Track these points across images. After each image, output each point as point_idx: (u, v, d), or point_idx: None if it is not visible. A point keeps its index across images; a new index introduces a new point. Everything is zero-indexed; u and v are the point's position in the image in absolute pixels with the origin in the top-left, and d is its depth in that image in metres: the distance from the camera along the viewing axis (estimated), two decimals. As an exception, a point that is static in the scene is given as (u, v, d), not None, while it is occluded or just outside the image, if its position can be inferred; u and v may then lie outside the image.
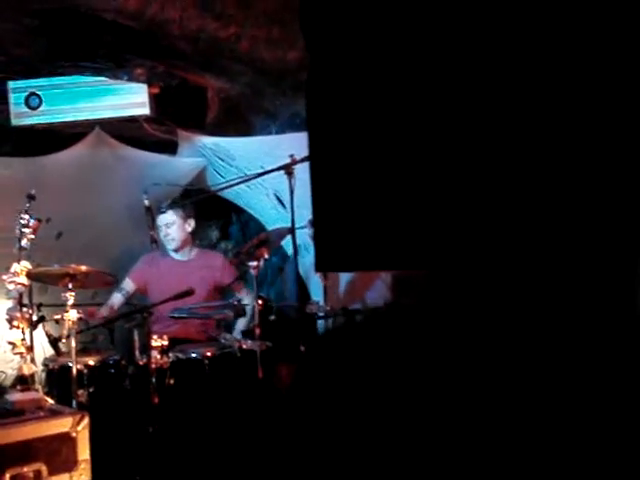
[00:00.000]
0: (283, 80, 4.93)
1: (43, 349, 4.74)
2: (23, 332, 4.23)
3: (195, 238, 5.44)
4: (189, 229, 5.18)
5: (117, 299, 5.11)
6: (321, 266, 2.17)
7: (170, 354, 4.42)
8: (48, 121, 5.21)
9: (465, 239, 1.57)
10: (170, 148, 5.85)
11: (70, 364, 4.09)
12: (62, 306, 4.14)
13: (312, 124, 1.90)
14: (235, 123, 5.63)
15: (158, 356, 4.33)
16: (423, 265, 1.75)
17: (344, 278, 5.17)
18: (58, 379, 4.35)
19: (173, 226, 5.11)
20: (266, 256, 4.51)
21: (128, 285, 5.17)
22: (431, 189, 1.60)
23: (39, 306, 4.38)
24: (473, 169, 1.54)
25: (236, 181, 4.87)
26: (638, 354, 1.56)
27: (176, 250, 5.18)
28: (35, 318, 4.31)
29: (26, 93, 5.10)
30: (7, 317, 4.31)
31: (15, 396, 3.61)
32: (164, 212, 5.01)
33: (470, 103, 1.53)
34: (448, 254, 1.61)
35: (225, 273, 5.21)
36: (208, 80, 5.24)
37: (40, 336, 4.49)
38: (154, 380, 4.26)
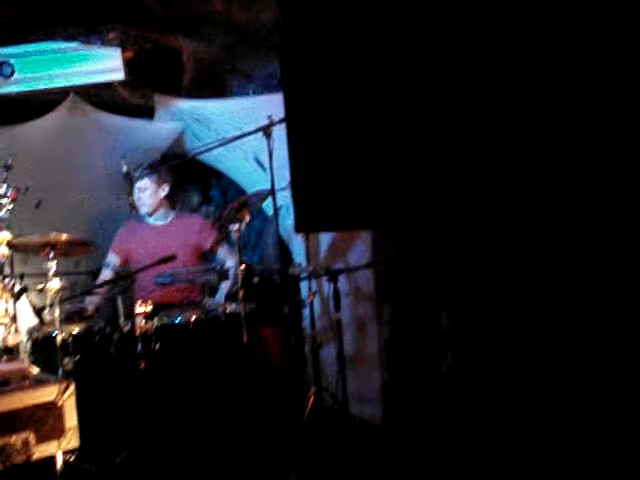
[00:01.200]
0: (258, 41, 4.89)
1: (27, 319, 4.74)
2: (6, 302, 4.22)
3: (176, 203, 5.42)
4: (162, 194, 5.15)
5: (106, 275, 5.10)
6: (301, 227, 2.18)
7: (155, 319, 4.43)
8: (22, 90, 5.14)
9: (438, 197, 1.57)
10: (147, 113, 5.79)
11: (55, 333, 4.10)
12: (44, 275, 4.13)
13: (287, 85, 1.89)
14: (211, 85, 5.57)
15: (143, 322, 4.33)
16: (399, 224, 1.76)
17: (325, 239, 5.18)
18: (43, 348, 4.35)
19: (146, 191, 5.09)
20: (247, 219, 4.50)
21: (113, 259, 5.16)
22: (408, 149, 1.60)
23: (21, 276, 4.37)
24: (446, 128, 1.54)
25: (214, 144, 4.84)
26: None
27: (149, 214, 5.17)
28: (18, 288, 4.30)
29: (-2, 61, 5.02)
30: (-11, 288, 4.30)
31: (0, 366, 3.61)
32: (141, 178, 4.98)
33: (442, 62, 1.52)
34: (422, 213, 1.62)
35: (204, 236, 5.20)
36: (182, 42, 5.18)
37: (24, 306, 4.49)
38: (139, 346, 4.28)
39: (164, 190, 5.15)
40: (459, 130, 1.54)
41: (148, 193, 5.09)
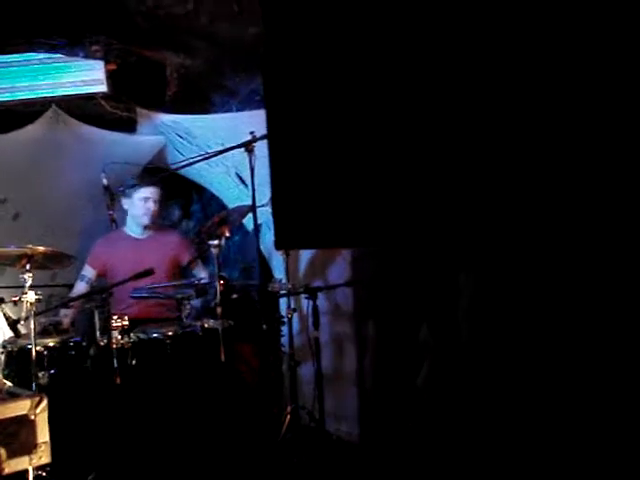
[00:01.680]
0: (242, 57, 4.89)
1: (2, 331, 4.68)
2: (-19, 314, 4.18)
3: (156, 217, 5.38)
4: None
5: (81, 287, 5.03)
6: (281, 243, 2.17)
7: (131, 334, 4.39)
8: (2, 99, 5.11)
9: (418, 217, 1.57)
10: (129, 126, 5.77)
11: (29, 346, 4.05)
12: (21, 287, 4.09)
13: (269, 102, 1.89)
14: (195, 100, 5.57)
15: (119, 336, 4.29)
16: (378, 243, 1.75)
17: (305, 256, 5.17)
18: (18, 361, 4.29)
19: (158, 203, 5.05)
20: (227, 234, 4.48)
21: (89, 272, 5.10)
22: (387, 168, 1.60)
23: (-4, 288, 4.33)
24: (427, 147, 1.54)
25: (196, 159, 4.82)
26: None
27: (145, 227, 5.11)
28: (-7, 300, 4.26)
29: (-21, 71, 5.00)
30: (-36, 300, 4.25)
31: (-27, 379, 3.57)
32: (147, 186, 4.93)
33: (424, 78, 1.52)
34: (401, 232, 1.61)
35: (182, 251, 5.17)
36: (166, 56, 5.17)
37: (-2, 318, 4.44)
38: (115, 361, 4.23)
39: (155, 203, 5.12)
40: (438, 152, 1.54)
41: (154, 203, 5.04)
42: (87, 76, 5.18)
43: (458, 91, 1.49)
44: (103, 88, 5.15)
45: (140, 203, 5.00)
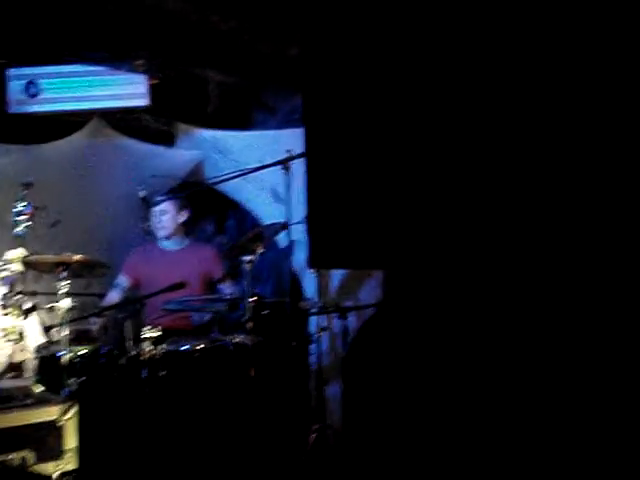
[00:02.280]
0: (283, 75, 4.93)
1: (35, 337, 4.74)
2: (16, 319, 4.23)
3: (190, 231, 5.43)
4: (181, 220, 5.18)
5: (113, 297, 5.09)
6: (314, 262, 2.18)
7: (162, 345, 4.42)
8: (47, 109, 5.20)
9: (454, 244, 1.57)
10: (168, 139, 5.84)
11: (61, 352, 4.09)
12: (55, 294, 4.14)
13: (308, 121, 1.90)
14: (234, 117, 5.62)
15: (150, 347, 4.33)
16: (414, 266, 1.75)
17: (337, 275, 5.17)
18: (49, 367, 4.34)
19: (166, 215, 5.12)
20: (260, 251, 4.50)
21: (123, 281, 5.16)
22: (425, 191, 1.61)
23: (33, 294, 4.38)
24: (468, 172, 1.54)
25: (233, 175, 4.86)
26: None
27: (167, 238, 5.18)
28: (28, 306, 4.31)
29: (25, 81, 5.09)
30: (0, 304, 4.31)
31: (5, 383, 3.61)
32: (160, 202, 5.02)
33: (467, 103, 1.53)
34: (438, 257, 1.61)
35: (216, 267, 5.21)
36: (208, 72, 5.23)
37: (33, 324, 4.49)
38: (145, 371, 4.26)
39: (183, 216, 5.17)
40: (480, 176, 1.54)
41: (168, 216, 5.12)
42: (129, 89, 5.25)
43: (502, 121, 1.50)
44: (144, 102, 5.21)
45: (155, 217, 5.09)
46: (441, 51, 1.59)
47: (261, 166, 4.57)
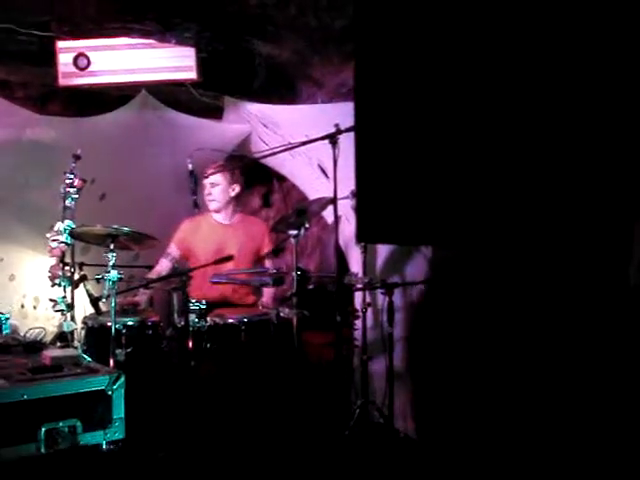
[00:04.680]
0: (330, 48, 4.88)
1: (84, 307, 4.81)
2: (64, 290, 4.30)
3: (238, 204, 5.44)
4: (232, 194, 5.19)
5: (164, 265, 5.13)
6: (362, 237, 2.16)
7: (208, 318, 4.45)
8: (95, 82, 5.23)
9: (503, 225, 1.54)
10: (216, 113, 5.84)
11: (109, 323, 4.15)
12: (103, 266, 4.19)
13: (359, 94, 1.87)
14: (281, 90, 5.59)
15: (196, 319, 4.37)
16: (462, 244, 1.72)
17: (383, 250, 5.14)
18: (97, 338, 4.41)
19: (217, 187, 5.13)
20: (307, 225, 4.50)
21: (174, 251, 5.19)
22: (476, 167, 1.57)
23: (81, 265, 4.44)
24: (516, 146, 1.51)
25: (280, 149, 4.84)
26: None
27: (217, 211, 5.20)
28: (77, 277, 4.37)
29: (74, 54, 5.12)
30: (49, 274, 4.38)
31: (54, 352, 3.67)
32: (212, 175, 5.04)
33: (509, 75, 1.49)
34: (488, 233, 1.58)
35: (265, 242, 5.23)
36: (256, 46, 5.20)
37: (81, 295, 4.55)
38: (191, 343, 4.30)
39: (234, 190, 5.18)
40: (526, 151, 1.50)
41: (220, 189, 5.13)
42: (177, 62, 5.25)
43: (547, 89, 1.46)
44: (193, 75, 5.21)
45: (206, 190, 5.10)
46: (492, 28, 1.55)
47: (308, 140, 4.55)
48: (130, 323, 4.46)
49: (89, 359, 3.70)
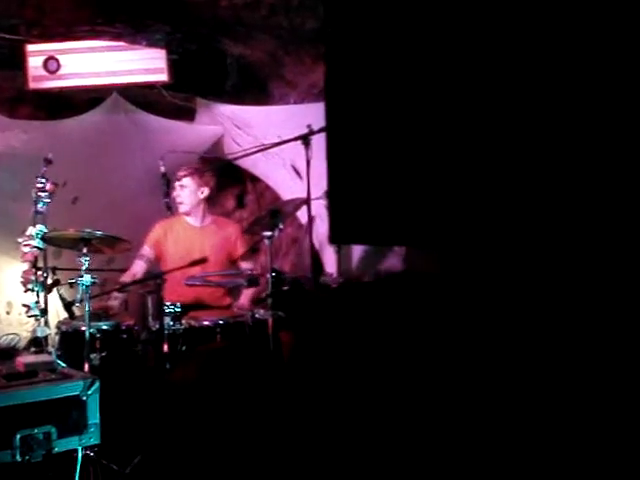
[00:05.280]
0: (302, 49, 4.89)
1: (57, 312, 4.77)
2: (37, 295, 4.26)
3: (211, 206, 5.42)
4: (201, 196, 5.15)
5: (140, 267, 5.08)
6: (336, 238, 2.16)
7: (183, 321, 4.44)
8: (66, 85, 5.20)
9: (477, 226, 1.55)
10: (188, 115, 5.83)
11: (83, 328, 4.12)
12: (76, 270, 4.16)
13: (330, 95, 1.88)
14: (253, 91, 5.59)
15: (171, 322, 4.35)
16: (435, 245, 1.73)
17: (357, 250, 5.15)
18: (71, 342, 4.37)
19: (186, 189, 5.08)
20: (281, 226, 4.49)
21: (148, 252, 5.15)
22: (447, 166, 1.58)
23: (54, 269, 4.40)
24: (489, 146, 1.52)
25: (253, 150, 4.84)
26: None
27: (187, 214, 5.17)
28: (50, 281, 4.33)
29: (44, 57, 5.08)
30: (22, 280, 4.34)
31: (28, 358, 3.64)
32: (180, 178, 5.01)
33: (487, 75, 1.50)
34: (459, 237, 1.59)
35: (238, 244, 5.21)
36: (227, 47, 5.20)
37: (54, 299, 4.52)
38: (166, 346, 4.29)
39: (203, 192, 5.14)
40: (501, 152, 1.51)
41: (188, 191, 5.09)
42: (148, 65, 5.24)
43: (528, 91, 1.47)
44: (164, 77, 5.20)
45: (176, 192, 5.07)
46: (465, 22, 1.56)
47: (281, 141, 4.55)
48: (104, 327, 4.43)
49: (63, 364, 3.67)
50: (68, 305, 4.29)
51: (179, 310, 4.39)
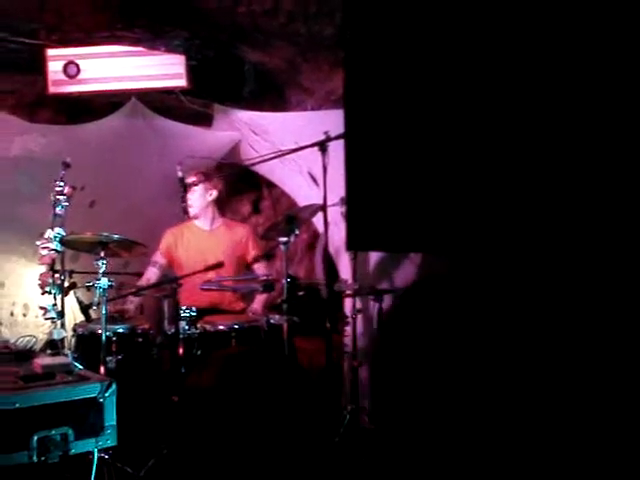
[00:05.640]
0: (320, 55, 4.91)
1: (74, 315, 4.80)
2: (54, 298, 4.29)
3: (227, 211, 5.45)
4: (210, 198, 5.16)
5: (153, 273, 5.12)
6: (352, 245, 2.17)
7: (198, 325, 4.46)
8: (85, 90, 5.23)
9: (495, 234, 1.56)
10: (205, 120, 5.86)
11: (100, 331, 4.15)
12: (94, 273, 4.19)
13: (348, 102, 1.89)
14: (271, 98, 5.62)
15: (186, 326, 4.37)
16: (451, 252, 1.74)
17: (373, 257, 5.16)
18: (87, 345, 4.40)
19: (194, 193, 5.10)
20: (296, 232, 4.51)
21: (160, 259, 5.18)
22: (466, 174, 1.59)
23: (71, 273, 4.43)
24: (508, 154, 1.53)
25: (270, 156, 4.86)
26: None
27: (196, 217, 5.18)
28: (67, 284, 4.36)
29: (64, 61, 5.13)
30: (39, 282, 4.37)
31: (45, 360, 3.66)
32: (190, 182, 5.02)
33: (504, 82, 1.51)
34: (476, 245, 1.60)
35: (250, 246, 5.22)
36: (245, 53, 5.23)
37: (71, 302, 4.55)
38: (181, 350, 4.31)
39: (211, 195, 5.16)
40: (519, 159, 1.52)
41: (196, 195, 5.11)
42: (167, 70, 5.27)
43: (545, 97, 1.48)
44: (182, 83, 5.22)
45: (188, 196, 5.09)
46: (483, 30, 1.57)
47: (298, 147, 4.57)
48: (120, 331, 4.46)
49: (80, 367, 3.69)
50: (85, 308, 4.32)
51: (194, 314, 4.42)
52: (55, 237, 4.29)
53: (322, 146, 4.30)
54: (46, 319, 4.33)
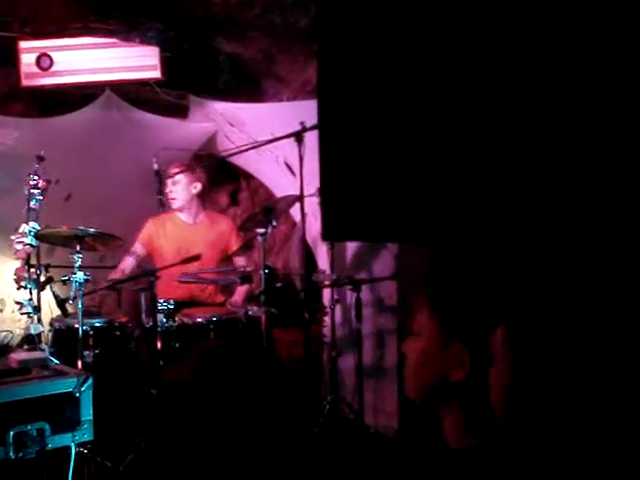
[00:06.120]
0: (295, 46, 4.90)
1: (50, 309, 4.77)
2: (30, 292, 4.25)
3: (205, 203, 5.42)
4: (194, 191, 5.14)
5: (129, 263, 5.07)
6: (328, 235, 2.16)
7: (176, 317, 4.44)
8: (59, 82, 5.19)
9: (469, 220, 1.55)
10: (181, 112, 5.83)
11: (76, 325, 4.12)
12: (69, 267, 4.16)
13: (322, 92, 1.88)
14: (246, 89, 5.59)
15: (164, 319, 4.36)
16: (428, 241, 1.74)
17: (351, 247, 5.17)
18: (65, 340, 4.38)
19: (178, 185, 5.07)
20: (274, 223, 4.51)
21: (139, 249, 5.14)
22: (442, 163, 1.59)
23: (47, 267, 4.40)
24: (485, 142, 1.52)
25: (246, 147, 4.85)
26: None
27: (180, 210, 5.16)
28: (43, 279, 4.33)
29: (37, 54, 5.08)
30: (15, 277, 4.33)
31: (21, 355, 3.64)
32: (173, 174, 5.00)
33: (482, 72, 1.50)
34: (452, 232, 1.60)
35: (232, 240, 5.21)
36: (220, 44, 5.20)
37: (47, 297, 4.51)
38: (159, 343, 4.29)
39: (196, 188, 5.14)
40: (497, 149, 1.52)
41: (180, 187, 5.08)
42: (141, 62, 5.23)
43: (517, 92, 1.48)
44: (157, 74, 5.19)
45: (168, 189, 5.07)
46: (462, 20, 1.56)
47: (274, 138, 4.56)
48: (97, 324, 4.43)
49: (57, 361, 3.67)
50: (61, 302, 4.28)
51: (172, 307, 4.40)
52: (30, 231, 4.25)
53: (298, 136, 4.30)
54: (22, 314, 4.29)
